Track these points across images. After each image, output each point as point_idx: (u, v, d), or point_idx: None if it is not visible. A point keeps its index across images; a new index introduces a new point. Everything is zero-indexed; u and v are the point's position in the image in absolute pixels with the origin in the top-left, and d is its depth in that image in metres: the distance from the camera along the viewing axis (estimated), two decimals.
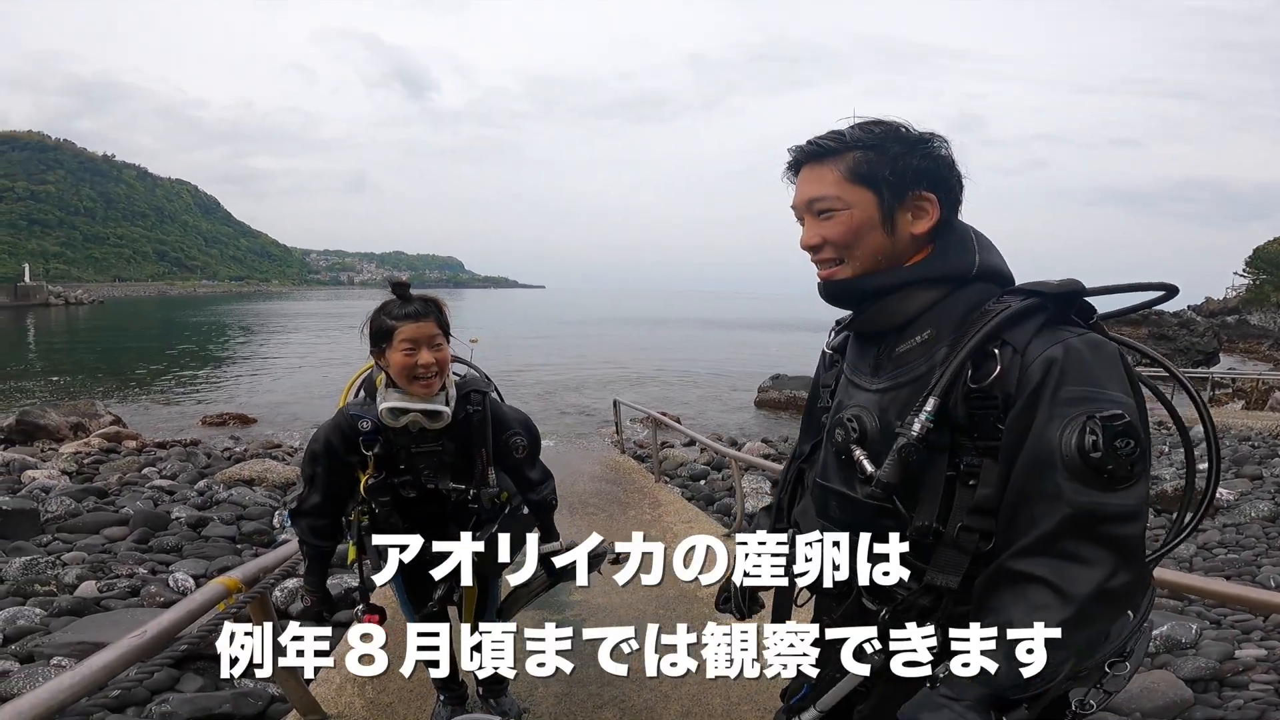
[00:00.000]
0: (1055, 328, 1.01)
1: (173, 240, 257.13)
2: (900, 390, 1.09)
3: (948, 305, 1.10)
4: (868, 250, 1.11)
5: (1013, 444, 0.97)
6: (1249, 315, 36.77)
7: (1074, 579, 0.91)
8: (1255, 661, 3.80)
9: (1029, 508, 0.94)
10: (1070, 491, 0.92)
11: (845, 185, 1.11)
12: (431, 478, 1.90)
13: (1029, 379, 0.97)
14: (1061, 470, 0.92)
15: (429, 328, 1.84)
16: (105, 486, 7.39)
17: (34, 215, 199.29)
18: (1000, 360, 0.99)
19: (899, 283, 1.11)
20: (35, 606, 4.01)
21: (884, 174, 1.10)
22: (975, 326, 1.03)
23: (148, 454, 9.75)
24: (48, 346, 33.38)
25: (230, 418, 14.23)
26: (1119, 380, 0.98)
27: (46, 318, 54.33)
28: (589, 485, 6.66)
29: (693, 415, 15.68)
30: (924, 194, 1.10)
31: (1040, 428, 0.95)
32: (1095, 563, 0.91)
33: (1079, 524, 0.91)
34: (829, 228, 1.12)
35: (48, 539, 5.50)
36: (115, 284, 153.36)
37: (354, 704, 2.59)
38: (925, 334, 1.09)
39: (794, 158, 1.16)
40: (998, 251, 1.14)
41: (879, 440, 1.09)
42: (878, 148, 1.10)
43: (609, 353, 32.17)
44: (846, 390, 1.20)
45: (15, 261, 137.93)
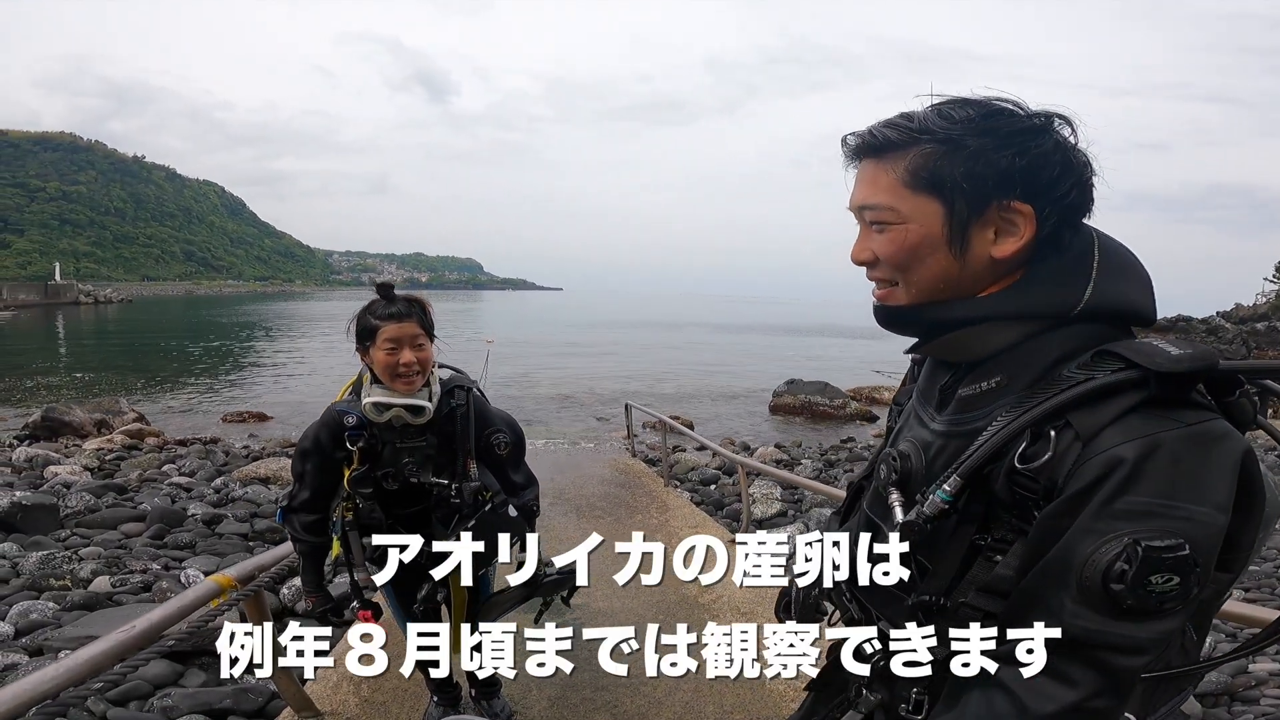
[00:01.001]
0: (1153, 413, 0.78)
1: (200, 240, 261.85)
2: (952, 440, 0.93)
3: (1030, 350, 0.89)
4: (927, 276, 0.90)
5: (1036, 542, 0.81)
6: (1278, 321, 35.98)
7: (1043, 697, 0.79)
8: (1269, 676, 3.73)
9: (1026, 615, 0.82)
10: (1070, 615, 0.78)
11: (903, 193, 0.88)
12: (415, 472, 1.93)
13: (1082, 476, 0.77)
14: (1073, 590, 0.77)
15: (411, 328, 1.88)
16: (125, 483, 7.54)
17: (65, 215, 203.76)
18: (1054, 445, 0.79)
19: (967, 318, 0.90)
20: (49, 601, 4.10)
21: (956, 177, 0.86)
22: (1041, 395, 0.83)
23: (168, 451, 9.93)
24: (76, 344, 34.08)
25: (250, 416, 14.43)
26: (1215, 493, 0.75)
27: (76, 316, 55.50)
28: (598, 488, 6.67)
29: (706, 419, 15.66)
30: (1014, 205, 0.85)
31: (1073, 538, 0.77)
32: (1076, 684, 0.79)
33: (1071, 647, 0.79)
34: (881, 243, 0.92)
35: (66, 534, 5.61)
36: (144, 283, 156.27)
37: (348, 702, 2.62)
38: (994, 380, 0.90)
39: (852, 147, 0.95)
40: (1136, 275, 0.90)
41: (921, 486, 0.95)
42: (953, 141, 0.86)
43: (625, 355, 32.22)
44: (909, 419, 1.06)
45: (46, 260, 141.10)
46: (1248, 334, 30.98)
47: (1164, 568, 0.73)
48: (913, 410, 1.05)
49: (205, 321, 54.78)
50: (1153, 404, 0.78)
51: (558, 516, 5.58)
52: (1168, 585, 0.74)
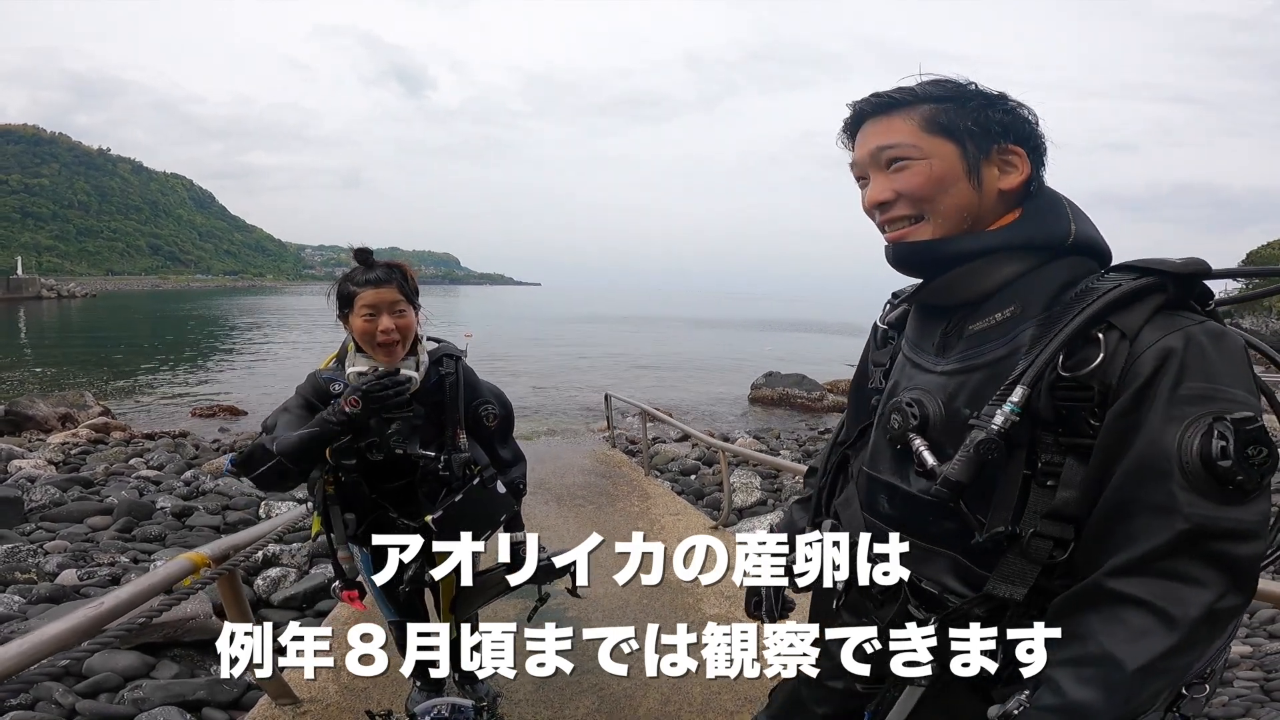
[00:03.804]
0: (1172, 313, 0.86)
1: (166, 234, 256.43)
2: (973, 374, 0.96)
3: (1038, 279, 0.95)
4: (952, 206, 0.97)
5: (1112, 445, 0.83)
6: (1241, 319, 36.97)
7: (1183, 601, 0.78)
8: (1240, 658, 3.79)
9: (1132, 520, 0.81)
10: (1187, 504, 0.78)
11: (922, 135, 0.97)
12: (401, 443, 1.85)
13: (1138, 371, 0.82)
14: (1179, 479, 0.79)
15: (390, 294, 1.80)
16: (91, 476, 7.34)
17: (28, 208, 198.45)
18: (1104, 346, 0.84)
19: (985, 248, 0.96)
20: (14, 594, 3.97)
21: (966, 124, 0.97)
22: (1076, 305, 0.88)
23: (135, 445, 9.70)
24: (39, 339, 33.19)
25: (220, 410, 14.15)
26: (1244, 379, 0.83)
27: (39, 311, 54.05)
28: (579, 478, 6.63)
29: (686, 410, 15.66)
30: (1011, 147, 0.98)
31: (1154, 429, 0.80)
32: (1206, 584, 0.78)
33: (1194, 541, 0.78)
34: (904, 179, 0.97)
35: (31, 528, 5.45)
36: (108, 278, 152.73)
37: (328, 689, 2.56)
38: (1008, 310, 0.95)
39: (854, 112, 1.02)
40: (1094, 224, 1.00)
41: (943, 429, 0.97)
42: (956, 99, 0.98)
43: (603, 349, 32.14)
44: (905, 371, 1.07)
45: (8, 254, 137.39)
46: None
47: (1253, 439, 0.78)
48: (905, 363, 1.08)
49: (172, 316, 53.67)
50: (1171, 305, 0.87)
51: (539, 505, 5.53)
52: (1262, 457, 0.78)
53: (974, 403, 0.94)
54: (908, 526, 1.01)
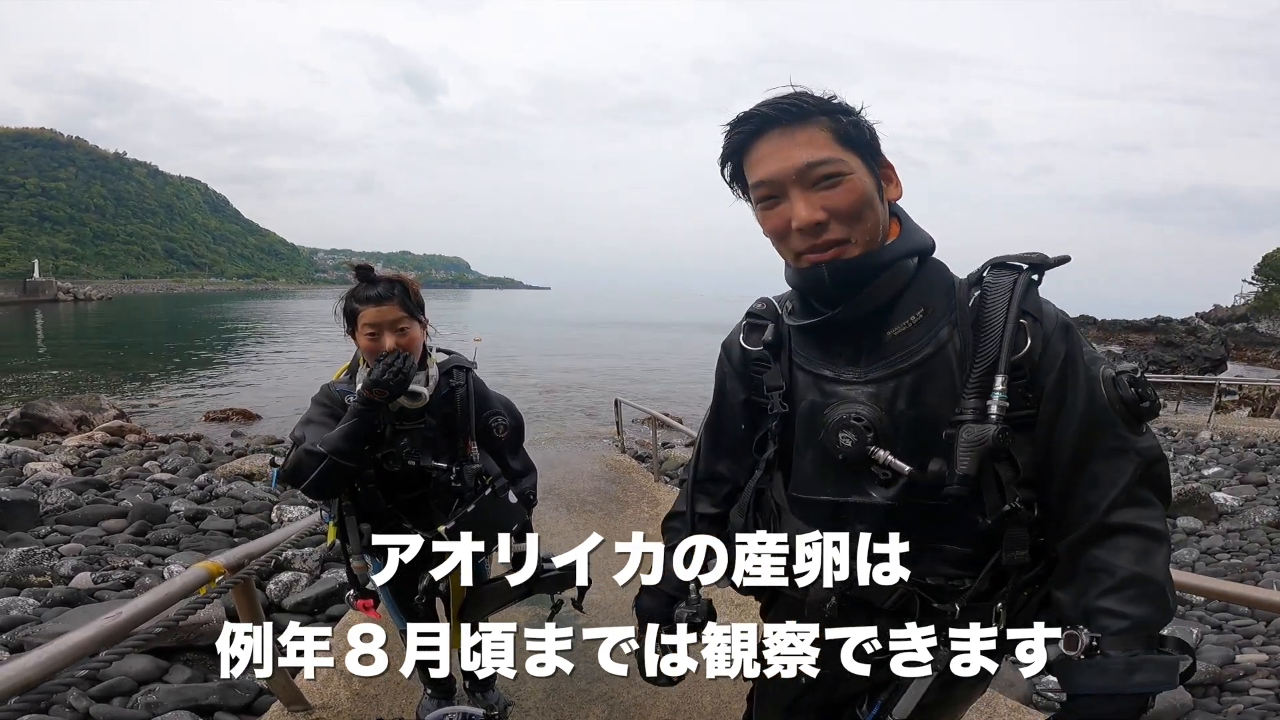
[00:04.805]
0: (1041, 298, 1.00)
1: (181, 238, 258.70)
2: (904, 376, 1.00)
3: (926, 281, 1.03)
4: (870, 224, 0.99)
5: (1053, 411, 0.97)
6: (1257, 323, 36.53)
7: (1156, 518, 0.96)
8: (1256, 666, 3.76)
9: (1096, 464, 0.96)
10: (1133, 441, 0.96)
11: (840, 150, 0.97)
12: (413, 454, 1.87)
13: (1056, 347, 0.97)
14: (1120, 424, 0.96)
15: (391, 312, 1.81)
16: (106, 479, 7.41)
17: (45, 212, 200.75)
18: (1031, 333, 0.96)
19: (894, 259, 1.01)
20: (29, 597, 4.00)
21: (865, 139, 0.99)
22: (992, 301, 0.97)
23: (150, 448, 9.79)
24: (55, 342, 33.53)
25: (233, 413, 14.24)
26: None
27: (55, 314, 54.61)
28: (588, 484, 6.63)
29: (695, 416, 15.65)
30: (887, 162, 1.03)
31: (1086, 389, 0.96)
32: (1156, 502, 0.97)
33: (1145, 469, 0.96)
34: (836, 197, 0.96)
35: (46, 530, 5.50)
36: (124, 281, 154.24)
37: (339, 696, 2.57)
38: (919, 313, 1.01)
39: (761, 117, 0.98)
40: None
41: (894, 437, 1.00)
42: (846, 112, 0.98)
43: (613, 354, 32.14)
44: (817, 388, 1.07)
45: (25, 257, 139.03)
46: (1226, 334, 31.44)
47: (1144, 383, 0.97)
48: (814, 380, 1.07)
49: (186, 319, 54.10)
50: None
51: (548, 511, 5.54)
52: (1150, 390, 0.97)
53: (914, 403, 1.00)
54: (884, 536, 1.02)
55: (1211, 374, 22.21)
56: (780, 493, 1.13)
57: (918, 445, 0.99)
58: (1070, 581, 0.98)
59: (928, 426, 0.99)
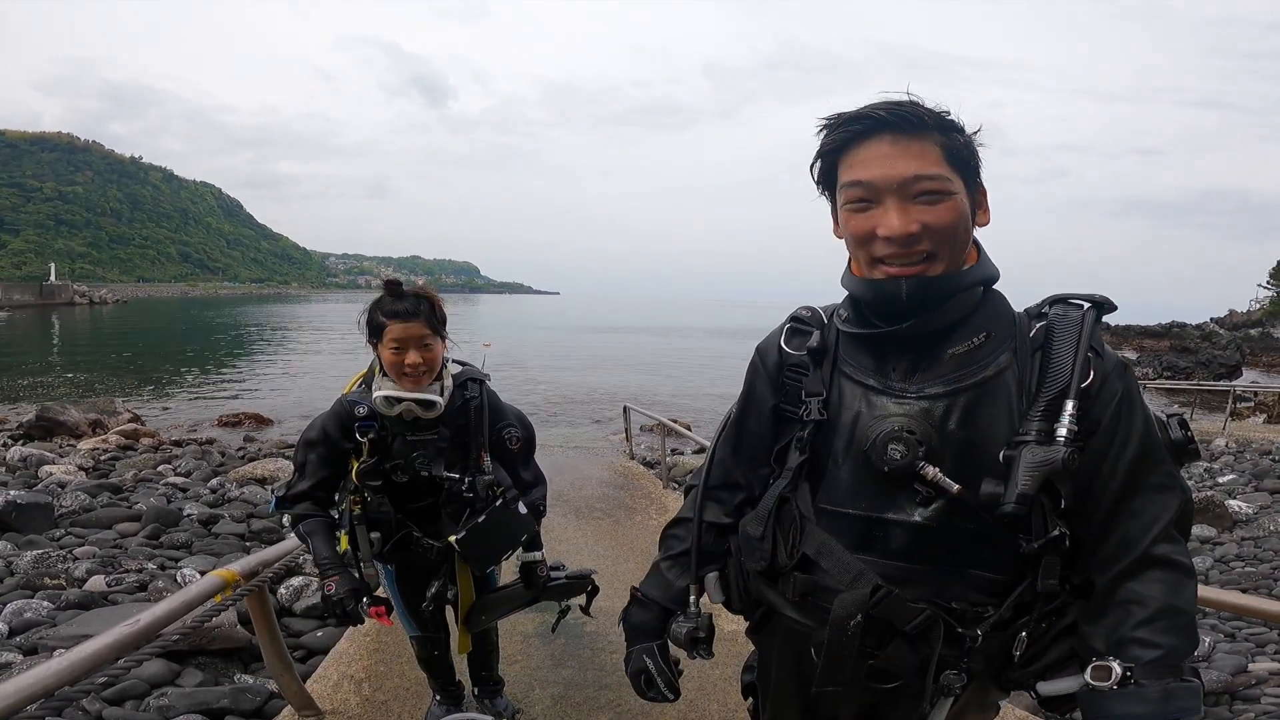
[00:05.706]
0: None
1: (196, 242, 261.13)
2: (959, 396, 1.00)
3: (991, 308, 1.05)
4: (961, 245, 1.00)
5: (1105, 444, 0.99)
6: (1273, 328, 36.11)
7: (1184, 553, 0.99)
8: (1269, 675, 3.72)
9: (1141, 498, 0.98)
10: (1180, 480, 1.00)
11: (948, 168, 0.97)
12: (425, 465, 1.89)
13: (1114, 384, 0.99)
14: (1169, 461, 1.00)
15: (418, 329, 1.84)
16: (120, 483, 7.48)
17: (61, 215, 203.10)
18: (1093, 365, 0.99)
19: (970, 284, 1.02)
20: (43, 600, 4.04)
21: (972, 162, 1.00)
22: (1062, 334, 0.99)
23: (164, 452, 9.87)
24: (71, 345, 33.88)
25: (246, 417, 14.35)
26: None
27: (71, 317, 55.21)
28: (597, 490, 6.64)
29: (705, 423, 15.64)
30: (984, 188, 1.04)
31: (1143, 426, 0.99)
32: (1183, 539, 1.01)
33: (1183, 508, 1.00)
34: (936, 214, 0.96)
35: (60, 533, 5.56)
36: (139, 284, 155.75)
37: (349, 701, 2.59)
38: (981, 336, 1.02)
39: (874, 120, 0.96)
40: None
41: (942, 455, 0.99)
42: (960, 131, 0.98)
43: (622, 360, 32.18)
44: (865, 399, 1.05)
45: (42, 261, 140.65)
46: (1242, 340, 31.10)
47: (1185, 422, 1.04)
48: (863, 391, 1.06)
49: (201, 323, 54.55)
50: None
51: (557, 518, 5.55)
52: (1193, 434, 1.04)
53: (966, 423, 1.00)
54: (915, 556, 1.01)
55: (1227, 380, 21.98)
56: (807, 503, 1.08)
57: (963, 466, 0.99)
58: (1103, 615, 0.99)
59: (975, 448, 0.99)
